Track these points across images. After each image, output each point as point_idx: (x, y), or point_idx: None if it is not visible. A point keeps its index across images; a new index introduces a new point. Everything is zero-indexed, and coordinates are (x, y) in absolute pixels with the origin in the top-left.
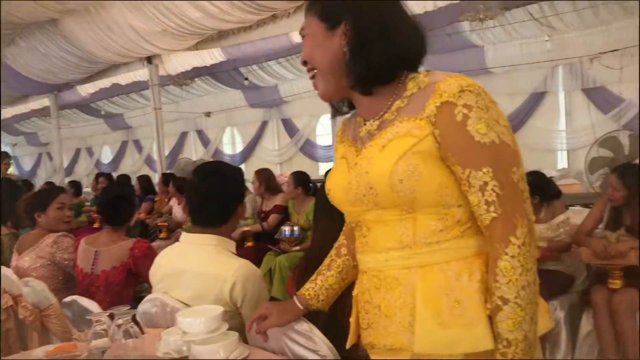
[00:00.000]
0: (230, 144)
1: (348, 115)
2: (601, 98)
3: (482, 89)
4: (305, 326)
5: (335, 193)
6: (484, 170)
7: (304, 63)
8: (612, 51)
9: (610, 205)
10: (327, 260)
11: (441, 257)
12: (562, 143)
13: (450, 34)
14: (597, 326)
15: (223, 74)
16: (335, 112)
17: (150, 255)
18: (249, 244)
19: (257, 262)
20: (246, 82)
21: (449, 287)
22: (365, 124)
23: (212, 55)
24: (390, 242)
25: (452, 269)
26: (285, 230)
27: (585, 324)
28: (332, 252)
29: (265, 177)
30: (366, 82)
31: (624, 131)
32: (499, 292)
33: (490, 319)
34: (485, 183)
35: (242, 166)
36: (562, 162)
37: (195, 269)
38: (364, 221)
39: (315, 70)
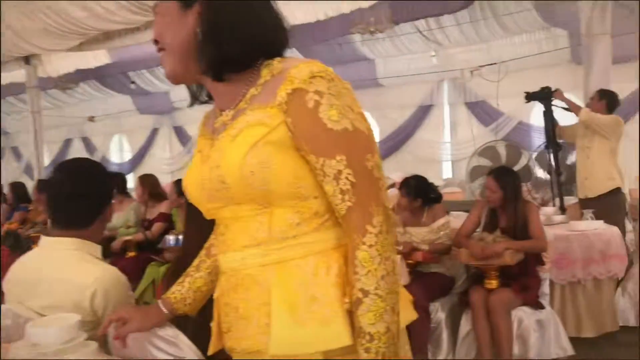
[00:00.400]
0: (118, 152)
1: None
2: (482, 111)
3: (334, 75)
4: (170, 332)
5: (191, 191)
6: (338, 158)
7: (155, 42)
8: (491, 65)
9: (487, 207)
10: (196, 261)
11: (298, 252)
12: (447, 154)
13: (342, 44)
14: (475, 326)
15: (109, 77)
16: (194, 100)
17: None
18: (132, 253)
19: (140, 273)
20: (133, 86)
21: (306, 283)
22: (221, 115)
23: (98, 57)
24: (246, 240)
25: (309, 264)
26: (169, 239)
27: (465, 324)
28: (202, 252)
29: (149, 183)
30: (218, 68)
31: (502, 141)
32: (358, 285)
33: (351, 313)
34: (339, 171)
35: (131, 175)
36: (447, 172)
37: (53, 276)
38: (221, 219)
39: (165, 50)
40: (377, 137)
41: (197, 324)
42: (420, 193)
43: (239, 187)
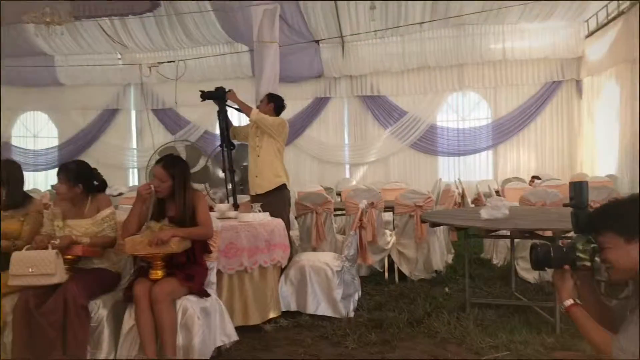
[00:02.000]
0: None
1: None
2: (169, 119)
3: None
4: None
5: None
6: None
7: None
8: (169, 62)
9: (154, 198)
10: None
11: None
12: (134, 160)
13: (17, 34)
14: (137, 319)
15: None
16: None
17: None
18: None
19: None
20: None
21: None
22: None
23: None
24: None
25: None
26: None
27: (128, 320)
28: None
29: None
30: None
31: (181, 141)
32: None
33: None
34: None
35: None
36: (133, 179)
37: None
38: None
39: None
40: (55, 141)
41: None
42: (81, 178)
43: None
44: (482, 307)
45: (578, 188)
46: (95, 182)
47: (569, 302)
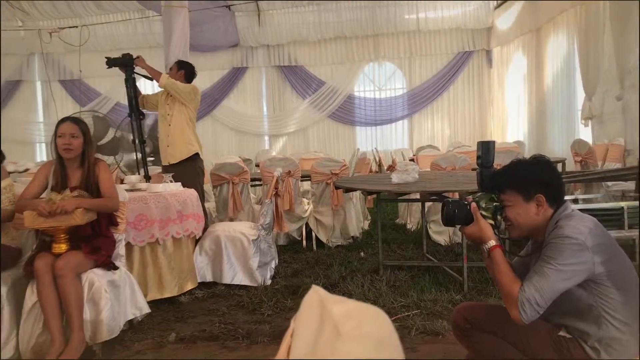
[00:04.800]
0: None
1: None
2: (77, 90)
3: None
4: None
5: None
6: None
7: None
8: (72, 27)
9: (54, 167)
10: None
11: None
12: (40, 135)
13: None
14: (40, 295)
15: None
16: None
17: None
18: None
19: None
20: None
21: None
22: None
23: None
24: None
25: None
26: None
27: (31, 297)
28: None
29: None
30: None
31: (89, 112)
32: None
33: None
34: None
35: None
36: (41, 154)
37: None
38: None
39: None
40: None
41: None
42: None
43: None
44: (395, 269)
45: (485, 147)
46: None
47: (493, 242)
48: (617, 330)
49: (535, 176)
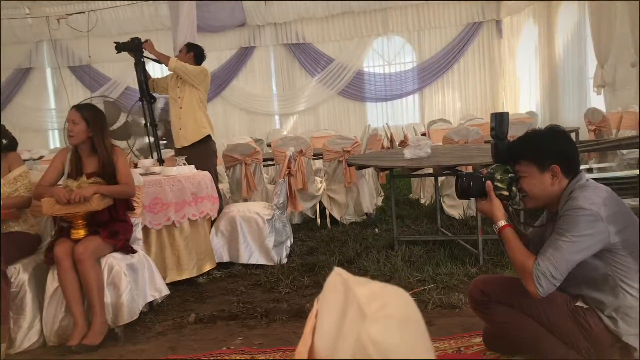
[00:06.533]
0: None
1: None
2: (87, 76)
3: None
4: None
5: None
6: None
7: None
8: (79, 13)
9: (70, 153)
10: None
11: None
12: (53, 122)
13: None
14: (61, 280)
15: None
16: None
17: None
18: None
19: None
20: None
21: None
22: None
23: None
24: None
25: None
26: None
27: (52, 282)
28: None
29: None
30: None
31: (99, 97)
32: None
33: None
34: None
35: None
36: (54, 141)
37: None
38: None
39: None
40: None
41: None
42: None
43: None
44: (410, 244)
45: (499, 119)
46: (3, 140)
47: (502, 222)
48: (634, 299)
49: (551, 147)
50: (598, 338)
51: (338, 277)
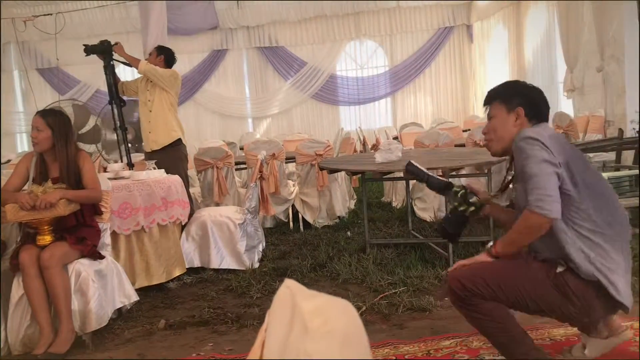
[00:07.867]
0: None
1: None
2: (56, 79)
3: None
4: None
5: None
6: None
7: None
8: (46, 15)
9: (35, 159)
10: None
11: None
12: (21, 125)
13: None
14: (26, 288)
15: None
16: None
17: None
18: None
19: None
20: None
21: None
22: None
23: None
24: None
25: None
26: None
27: (17, 290)
28: None
29: None
30: None
31: (68, 101)
32: None
33: None
34: None
35: None
36: (22, 145)
37: None
38: None
39: None
40: None
41: None
42: None
43: None
44: (382, 247)
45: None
46: None
47: (489, 247)
48: (597, 245)
49: (520, 89)
50: (582, 295)
51: (287, 290)
